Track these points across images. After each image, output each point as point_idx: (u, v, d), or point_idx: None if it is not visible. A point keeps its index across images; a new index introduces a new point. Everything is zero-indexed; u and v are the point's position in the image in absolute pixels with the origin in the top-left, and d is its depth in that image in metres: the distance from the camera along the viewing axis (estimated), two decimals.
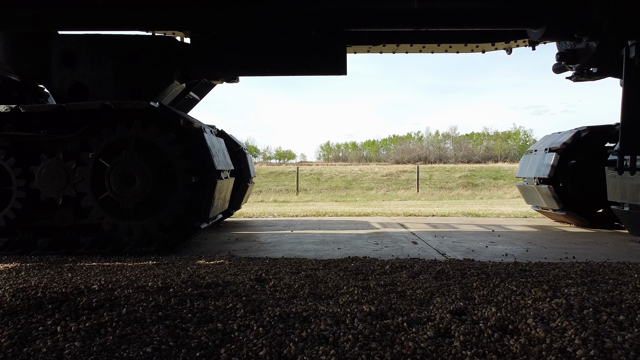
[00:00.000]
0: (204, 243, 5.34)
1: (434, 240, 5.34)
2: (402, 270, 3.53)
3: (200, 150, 4.61)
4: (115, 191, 4.40)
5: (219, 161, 4.78)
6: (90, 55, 5.42)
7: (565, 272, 3.49)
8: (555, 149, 6.75)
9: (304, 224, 7.23)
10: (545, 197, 6.89)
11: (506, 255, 4.40)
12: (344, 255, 4.38)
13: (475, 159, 75.05)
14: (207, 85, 7.38)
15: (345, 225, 7.01)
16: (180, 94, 6.57)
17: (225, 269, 3.63)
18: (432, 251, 4.65)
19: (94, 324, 2.11)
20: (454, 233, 6.00)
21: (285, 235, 5.92)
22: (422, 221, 7.48)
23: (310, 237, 5.74)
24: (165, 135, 4.49)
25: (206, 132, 4.79)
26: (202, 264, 3.87)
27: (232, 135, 7.35)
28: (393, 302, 2.63)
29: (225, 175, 5.15)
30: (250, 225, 7.20)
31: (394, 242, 5.26)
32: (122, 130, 4.47)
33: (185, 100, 7.27)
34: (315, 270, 3.56)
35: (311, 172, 30.37)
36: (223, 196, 5.11)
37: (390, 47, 6.74)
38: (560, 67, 6.91)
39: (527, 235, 5.87)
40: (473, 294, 2.83)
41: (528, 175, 7.30)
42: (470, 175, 28.03)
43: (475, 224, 7.06)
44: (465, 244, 5.07)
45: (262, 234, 6.04)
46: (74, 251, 4.50)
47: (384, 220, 7.62)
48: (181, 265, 3.79)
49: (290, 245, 5.12)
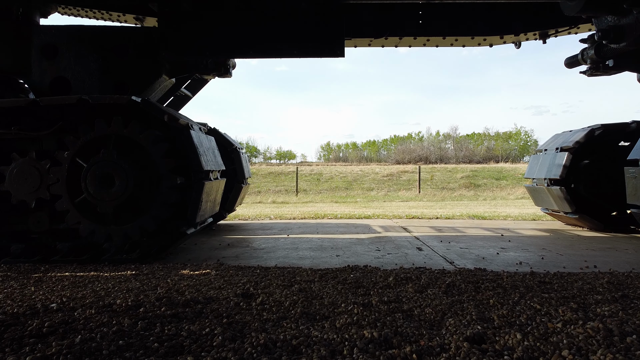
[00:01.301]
0: (193, 249, 4.97)
1: (440, 246, 4.96)
2: (407, 282, 3.15)
3: (186, 148, 4.24)
4: (92, 193, 4.03)
5: (207, 161, 4.41)
6: (73, 48, 5.06)
7: (591, 285, 3.11)
8: (567, 148, 6.37)
9: (301, 227, 6.85)
10: (556, 199, 6.51)
11: (520, 264, 4.02)
12: (342, 264, 4.01)
13: (476, 159, 74.71)
14: (199, 81, 7.02)
15: (344, 228, 6.63)
16: (170, 90, 6.21)
17: (210, 280, 3.25)
18: (439, 259, 4.27)
19: (37, 358, 1.73)
20: (460, 238, 5.62)
21: (281, 240, 5.54)
22: (426, 224, 7.10)
23: (307, 242, 5.36)
24: (148, 133, 4.12)
25: (194, 129, 4.41)
26: (186, 275, 3.49)
27: (225, 134, 6.98)
28: (399, 325, 2.25)
29: (215, 175, 4.78)
30: (245, 228, 6.83)
31: (397, 248, 4.88)
32: (101, 126, 4.10)
33: (177, 97, 6.91)
34: (310, 282, 3.18)
35: (311, 173, 29.99)
36: (213, 198, 4.73)
37: (392, 40, 6.36)
38: (573, 61, 6.53)
39: (540, 240, 5.49)
40: (491, 313, 2.45)
41: (538, 176, 6.92)
42: (472, 175, 27.63)
43: (483, 228, 6.68)
44: (474, 251, 4.69)
45: (256, 239, 5.66)
46: (48, 258, 4.13)
47: (386, 224, 7.24)
48: (162, 276, 3.42)
49: (285, 251, 4.74)
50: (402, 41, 6.39)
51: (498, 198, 17.01)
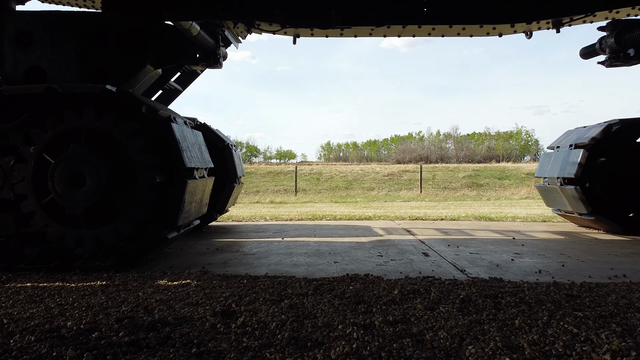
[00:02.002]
0: (178, 254, 4.54)
1: (448, 252, 4.53)
2: (415, 297, 2.73)
3: (168, 143, 3.81)
4: (60, 193, 3.60)
5: (191, 157, 3.98)
6: (50, 36, 4.64)
7: (627, 300, 2.69)
8: (582, 145, 5.94)
9: (297, 229, 6.43)
10: (570, 200, 6.08)
11: (540, 273, 3.59)
12: (341, 272, 3.58)
13: (476, 158, 74.36)
14: (189, 74, 6.61)
15: (344, 231, 6.21)
16: (158, 83, 5.78)
17: (188, 294, 2.83)
18: (448, 266, 3.84)
19: None
20: (469, 242, 5.19)
21: (274, 244, 5.11)
22: (431, 226, 6.67)
23: (303, 246, 4.93)
24: (124, 125, 3.69)
25: (176, 123, 3.99)
26: (162, 286, 3.07)
27: (218, 130, 6.56)
28: (408, 355, 1.83)
29: (202, 174, 4.36)
30: (237, 230, 6.40)
31: (401, 253, 4.45)
32: (72, 119, 3.67)
33: (166, 91, 6.50)
34: (303, 296, 2.76)
35: (310, 172, 29.56)
36: (199, 199, 4.31)
37: (395, 29, 5.93)
38: (589, 51, 6.10)
39: (555, 244, 5.06)
40: (518, 338, 2.02)
41: (550, 175, 6.49)
42: (474, 175, 27.18)
43: (491, 230, 6.25)
44: (486, 257, 4.26)
45: (248, 242, 5.23)
46: (13, 266, 3.70)
47: (388, 225, 6.81)
48: (134, 288, 2.99)
49: (279, 257, 4.32)
50: (405, 30, 5.96)
51: (502, 198, 16.57)
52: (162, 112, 3.78)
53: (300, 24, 5.79)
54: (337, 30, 5.96)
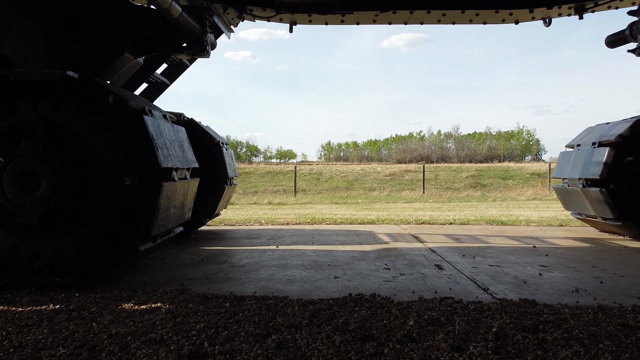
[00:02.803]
0: (157, 266, 4.00)
1: (464, 263, 3.98)
2: (436, 330, 2.18)
3: (140, 139, 3.26)
4: (10, 198, 3.05)
5: (168, 156, 3.43)
6: (14, 20, 4.09)
7: None
8: (607, 143, 5.39)
9: (294, 235, 5.87)
10: (594, 203, 5.53)
11: (577, 292, 3.04)
12: (342, 290, 3.04)
13: (477, 158, 73.95)
14: (177, 66, 6.07)
15: (345, 237, 5.66)
16: (140, 74, 5.24)
17: (154, 325, 2.28)
18: (468, 283, 3.29)
19: None
20: (485, 251, 4.64)
21: (268, 253, 4.56)
22: (440, 232, 6.12)
23: (299, 256, 4.38)
24: (88, 119, 3.14)
25: (151, 115, 3.44)
26: (125, 312, 2.52)
27: (207, 127, 6.01)
28: None
29: (182, 175, 3.81)
30: (228, 236, 5.85)
31: (411, 265, 3.90)
32: (25, 110, 3.12)
33: (152, 84, 5.96)
34: (296, 329, 2.21)
35: (310, 172, 29.01)
36: (179, 203, 3.76)
37: (401, 15, 5.38)
38: (617, 39, 5.55)
39: (582, 254, 4.51)
40: None
41: (570, 176, 5.93)
42: (478, 175, 26.63)
43: (507, 236, 5.70)
44: (509, 270, 3.71)
45: (238, 251, 4.69)
46: None
47: (393, 231, 6.26)
48: (89, 316, 2.44)
49: (271, 270, 3.77)
50: (412, 16, 5.41)
51: (508, 199, 16.02)
52: (133, 103, 3.23)
53: (297, 9, 5.25)
54: (337, 16, 5.41)
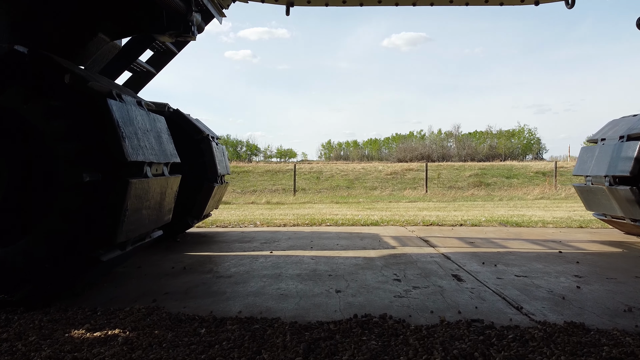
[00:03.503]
0: (131, 275, 3.47)
1: (486, 273, 3.45)
2: None
3: (104, 128, 2.72)
4: None
5: (138, 148, 2.90)
6: None
7: None
8: (638, 136, 4.86)
9: (291, 238, 5.34)
10: (622, 203, 4.99)
11: (630, 311, 2.51)
12: (346, 309, 2.50)
13: (478, 157, 73.54)
14: (164, 53, 5.55)
15: (347, 240, 5.12)
16: (120, 60, 4.72)
17: None
18: (495, 299, 2.76)
19: None
20: (506, 257, 4.11)
21: (260, 260, 4.03)
22: (451, 234, 5.58)
23: (295, 264, 3.85)
24: (38, 102, 2.61)
25: (119, 100, 2.91)
26: (72, 342, 1.99)
27: (196, 120, 5.49)
28: None
29: (159, 170, 3.28)
30: (219, 239, 5.31)
31: (425, 276, 3.37)
32: None
33: (136, 73, 5.44)
34: None
35: (310, 171, 28.46)
36: (154, 204, 3.22)
37: None
38: None
39: (617, 260, 3.97)
40: None
41: (595, 173, 5.39)
42: (481, 174, 26.07)
43: (525, 240, 5.16)
44: (539, 281, 3.17)
45: (227, 258, 4.15)
46: None
47: (400, 233, 5.72)
48: (22, 349, 1.91)
49: (262, 282, 3.23)
50: None
51: (515, 198, 15.47)
52: (94, 84, 2.69)
53: None
54: None
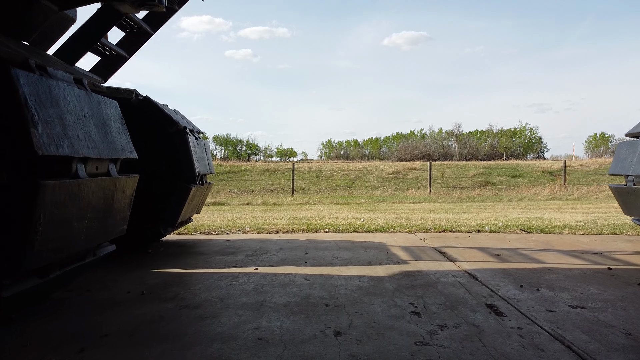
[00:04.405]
0: (71, 304, 2.68)
1: (530, 302, 2.66)
2: None
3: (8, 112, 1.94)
4: None
5: (64, 137, 2.11)
6: None
7: None
8: None
9: (283, 249, 4.55)
10: None
11: None
12: None
13: (480, 156, 72.91)
14: (136, 34, 4.78)
15: (349, 252, 4.34)
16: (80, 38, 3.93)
17: None
18: (558, 349, 1.96)
19: None
20: (546, 276, 3.32)
21: (241, 280, 3.24)
22: (469, 243, 4.80)
23: (284, 286, 3.06)
24: None
25: (35, 72, 2.12)
26: None
27: (173, 111, 4.71)
28: None
29: (102, 169, 2.49)
30: (198, 250, 4.53)
31: (451, 306, 2.58)
32: None
33: (104, 57, 4.67)
34: None
35: (310, 170, 27.66)
36: (94, 213, 2.43)
37: None
38: None
39: None
40: None
41: (638, 172, 4.61)
42: (486, 173, 25.26)
43: (558, 251, 4.38)
44: (605, 316, 2.39)
45: (201, 277, 3.37)
46: None
47: (409, 242, 4.93)
48: None
49: (236, 317, 2.44)
50: None
51: (525, 199, 14.67)
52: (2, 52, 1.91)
53: None
54: None
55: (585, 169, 25.72)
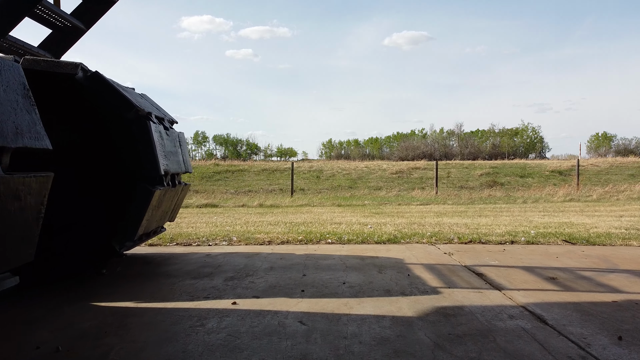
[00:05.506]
0: None
1: None
2: None
3: None
4: None
5: None
6: None
7: None
8: None
9: (274, 268, 3.59)
10: None
11: None
12: None
13: (482, 155, 72.07)
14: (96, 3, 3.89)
15: (359, 273, 3.37)
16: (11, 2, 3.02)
17: None
18: None
19: None
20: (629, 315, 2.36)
21: (209, 324, 2.27)
22: (509, 260, 3.83)
23: (270, 335, 2.10)
24: None
25: None
26: None
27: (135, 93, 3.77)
28: None
29: None
30: (165, 271, 3.56)
31: None
32: None
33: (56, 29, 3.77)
34: None
35: (310, 169, 26.69)
36: None
37: None
38: None
39: None
40: None
41: None
42: (493, 172, 24.28)
43: (627, 271, 3.42)
44: None
45: (152, 319, 2.40)
46: None
47: (433, 258, 3.97)
48: None
49: None
50: None
51: (540, 200, 13.70)
52: None
53: None
54: None
55: (596, 168, 24.73)
